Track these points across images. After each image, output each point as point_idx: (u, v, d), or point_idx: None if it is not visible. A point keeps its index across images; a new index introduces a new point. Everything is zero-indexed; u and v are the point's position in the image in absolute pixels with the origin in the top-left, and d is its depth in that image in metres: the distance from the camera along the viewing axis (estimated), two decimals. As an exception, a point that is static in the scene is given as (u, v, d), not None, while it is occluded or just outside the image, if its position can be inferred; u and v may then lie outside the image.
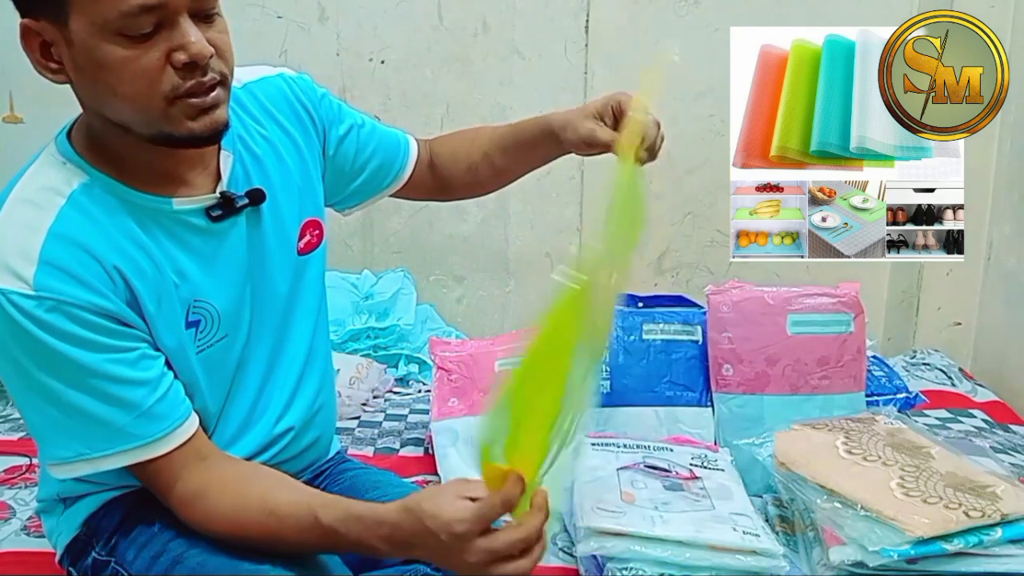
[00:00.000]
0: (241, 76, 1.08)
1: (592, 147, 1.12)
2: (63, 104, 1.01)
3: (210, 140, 0.94)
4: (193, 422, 0.97)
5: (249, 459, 1.05)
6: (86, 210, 0.91)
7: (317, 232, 1.12)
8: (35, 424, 0.94)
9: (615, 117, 1.10)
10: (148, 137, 0.91)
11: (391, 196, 1.28)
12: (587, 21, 2.25)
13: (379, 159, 1.22)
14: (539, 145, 1.19)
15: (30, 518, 1.40)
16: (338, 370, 1.88)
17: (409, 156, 1.25)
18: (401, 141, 1.26)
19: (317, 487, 1.17)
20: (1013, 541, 1.15)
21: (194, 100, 0.89)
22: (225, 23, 0.93)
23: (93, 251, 0.90)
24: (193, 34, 0.87)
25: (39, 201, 0.91)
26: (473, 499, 0.83)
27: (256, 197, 1.02)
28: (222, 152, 1.01)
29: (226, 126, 0.94)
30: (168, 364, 0.97)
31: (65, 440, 0.92)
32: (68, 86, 0.93)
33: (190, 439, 0.96)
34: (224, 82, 0.93)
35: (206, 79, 0.89)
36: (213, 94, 0.91)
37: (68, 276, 0.88)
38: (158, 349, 0.96)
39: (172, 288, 0.96)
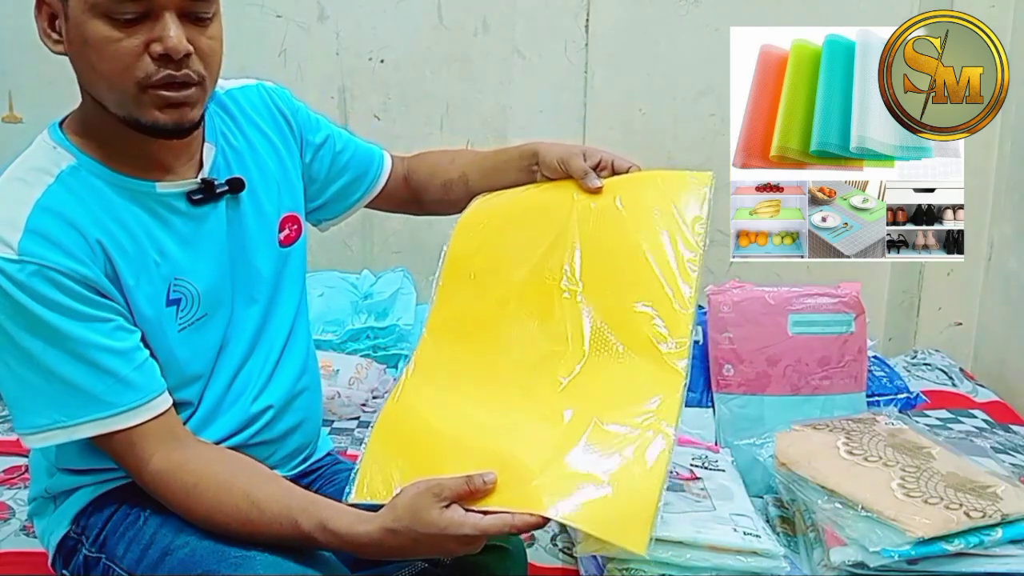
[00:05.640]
0: (223, 83, 1.13)
1: (562, 170, 1.18)
2: (62, 104, 1.04)
3: (173, 134, 0.98)
4: (167, 399, 1.00)
5: (227, 438, 1.07)
6: (72, 188, 0.96)
7: (296, 227, 1.16)
8: (11, 391, 0.96)
9: (599, 165, 1.17)
10: (120, 118, 0.96)
11: (366, 207, 1.32)
12: (587, 21, 2.25)
13: (354, 169, 1.27)
14: (513, 166, 1.23)
15: (28, 518, 1.40)
16: (337, 370, 1.89)
17: (383, 167, 1.30)
18: (375, 154, 1.30)
19: (308, 486, 1.18)
20: (1014, 541, 1.15)
21: (165, 92, 0.94)
22: (219, 31, 0.98)
23: (76, 224, 0.95)
24: (173, 30, 0.92)
25: (28, 179, 0.96)
26: (449, 501, 0.89)
27: (235, 185, 1.07)
28: (206, 144, 1.06)
29: (194, 124, 0.98)
30: (145, 342, 0.99)
31: (41, 407, 0.95)
32: (65, 85, 0.98)
33: (164, 414, 0.98)
34: (201, 84, 0.97)
35: (179, 74, 0.94)
36: (186, 92, 0.95)
37: (51, 243, 0.92)
38: (135, 325, 0.99)
39: (153, 266, 1.00)
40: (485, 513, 0.89)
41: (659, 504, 0.91)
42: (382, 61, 2.29)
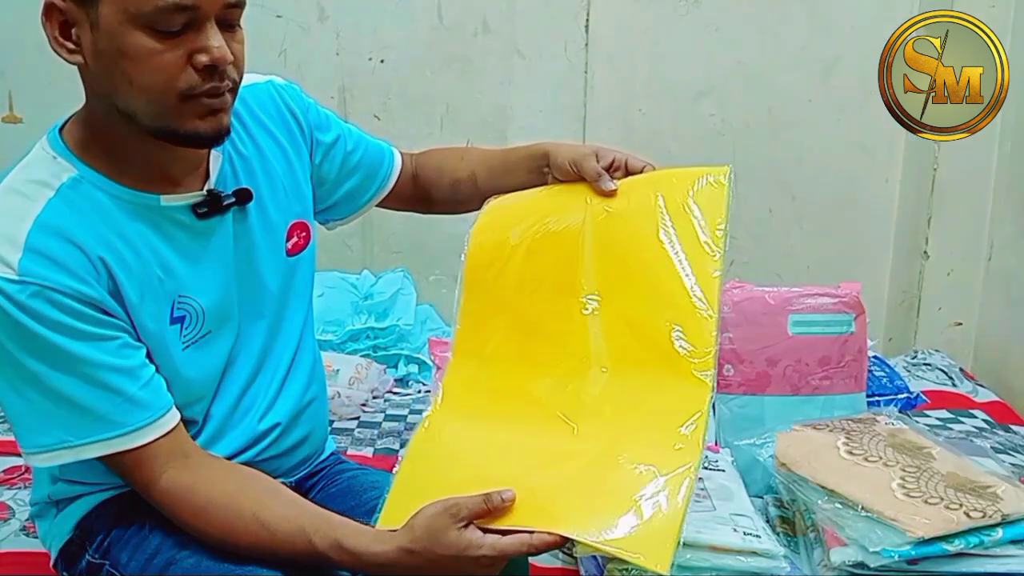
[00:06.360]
0: None
1: (574, 172, 1.13)
2: (62, 104, 1.01)
3: (211, 142, 0.96)
4: (175, 416, 0.97)
5: (234, 456, 1.05)
6: (73, 203, 0.93)
7: (304, 234, 1.13)
8: (16, 411, 0.94)
9: (612, 165, 1.12)
10: (152, 129, 0.93)
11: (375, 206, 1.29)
12: (587, 21, 2.25)
13: (365, 168, 1.24)
14: (523, 166, 1.19)
15: (29, 519, 1.40)
16: (337, 370, 1.89)
17: (394, 165, 1.27)
18: (386, 151, 1.27)
19: (312, 487, 1.18)
20: (1014, 541, 1.14)
21: (206, 100, 0.92)
22: (243, 35, 0.96)
23: (78, 241, 0.91)
24: (216, 39, 0.90)
25: (28, 192, 0.93)
26: (467, 521, 0.88)
27: (243, 196, 1.04)
28: (212, 152, 1.02)
29: (228, 130, 0.96)
30: (150, 358, 0.97)
31: (47, 427, 0.93)
32: (65, 85, 0.95)
33: (172, 431, 0.96)
34: (234, 89, 0.95)
35: (222, 84, 0.92)
36: (223, 98, 0.93)
37: (52, 263, 0.89)
38: (140, 341, 0.97)
39: (156, 282, 0.97)
40: (503, 533, 0.88)
41: (683, 523, 0.89)
42: (382, 61, 2.29)
